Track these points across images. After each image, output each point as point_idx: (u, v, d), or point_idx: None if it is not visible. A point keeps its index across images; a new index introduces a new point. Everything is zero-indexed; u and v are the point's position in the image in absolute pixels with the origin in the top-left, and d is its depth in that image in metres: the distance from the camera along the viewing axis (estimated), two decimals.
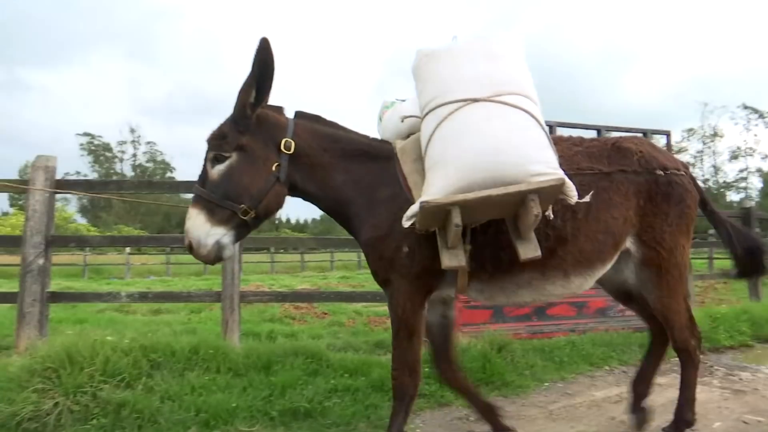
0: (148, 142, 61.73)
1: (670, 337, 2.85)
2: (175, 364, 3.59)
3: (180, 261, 23.74)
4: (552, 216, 2.42)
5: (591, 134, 5.66)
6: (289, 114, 2.71)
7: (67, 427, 2.99)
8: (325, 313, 8.79)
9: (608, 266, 2.74)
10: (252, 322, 7.21)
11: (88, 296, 5.58)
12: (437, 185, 2.23)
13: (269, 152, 2.54)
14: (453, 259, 2.32)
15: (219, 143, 2.51)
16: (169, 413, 3.11)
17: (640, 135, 4.79)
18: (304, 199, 2.71)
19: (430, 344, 2.90)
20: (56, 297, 4.91)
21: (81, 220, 46.06)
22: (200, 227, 2.44)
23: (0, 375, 3.39)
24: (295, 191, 2.65)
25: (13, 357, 4.27)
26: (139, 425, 3.02)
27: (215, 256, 2.48)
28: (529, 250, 2.30)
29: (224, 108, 2.68)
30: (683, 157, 23.75)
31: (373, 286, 3.50)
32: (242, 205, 2.44)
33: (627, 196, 2.69)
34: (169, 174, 59.94)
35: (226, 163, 2.50)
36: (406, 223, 2.26)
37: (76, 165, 54.94)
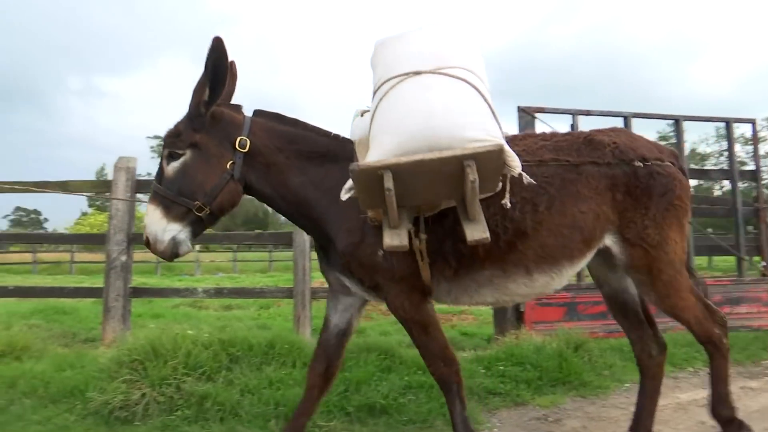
0: None
1: (691, 332, 2.71)
2: (253, 358, 3.67)
3: (246, 258, 24.45)
4: (509, 205, 2.31)
5: (662, 125, 5.39)
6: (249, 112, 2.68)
7: (154, 416, 3.11)
8: None
9: (579, 264, 2.60)
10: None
11: (166, 291, 5.80)
12: (372, 155, 2.17)
13: (224, 150, 2.52)
14: (395, 238, 2.22)
15: (174, 141, 2.51)
16: (249, 406, 3.19)
17: (670, 122, 4.41)
18: (259, 199, 2.68)
19: (322, 342, 2.88)
20: (137, 292, 5.13)
21: None
22: (157, 223, 2.45)
23: (91, 366, 3.58)
24: (250, 190, 2.61)
25: (100, 349, 4.51)
26: (221, 417, 3.10)
27: (171, 252, 2.47)
28: (477, 231, 2.19)
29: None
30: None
31: None
32: (196, 202, 2.44)
33: (599, 190, 2.53)
34: None
35: (181, 160, 2.50)
36: (344, 196, 2.22)
37: (147, 167, 57.51)
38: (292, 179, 2.57)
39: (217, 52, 2.42)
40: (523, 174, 2.23)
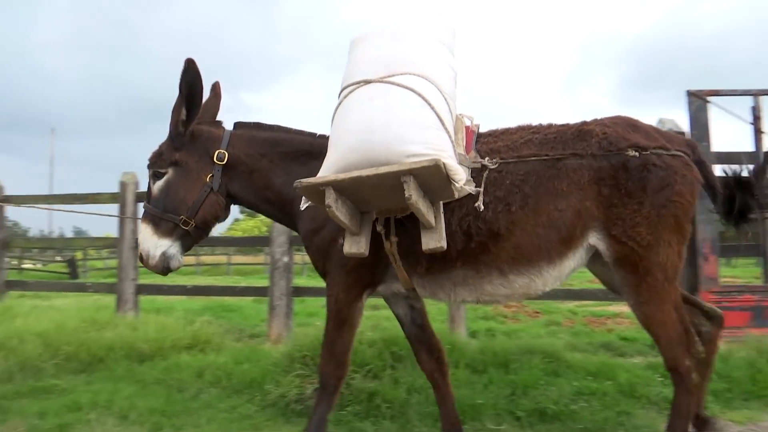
0: None
1: (660, 353, 2.39)
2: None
3: None
4: (482, 208, 2.28)
5: None
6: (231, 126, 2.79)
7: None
8: (537, 312, 8.47)
9: (563, 265, 2.40)
10: (467, 319, 7.21)
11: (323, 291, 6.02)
12: (323, 167, 2.22)
13: (203, 164, 2.63)
14: (353, 245, 2.28)
15: (156, 161, 2.65)
16: (417, 405, 3.19)
17: None
18: (246, 207, 2.76)
19: (407, 338, 2.87)
20: (299, 291, 5.38)
21: None
22: (148, 240, 2.58)
23: (265, 360, 3.80)
24: (234, 199, 2.72)
25: (266, 345, 4.79)
26: (390, 415, 3.13)
27: (163, 267, 2.58)
28: (432, 240, 2.20)
29: None
30: None
31: (597, 283, 3.23)
32: (181, 216, 2.57)
33: (581, 185, 2.33)
34: None
35: (164, 178, 2.63)
36: (303, 207, 2.34)
37: None
38: (275, 180, 2.66)
39: (191, 73, 2.52)
40: (466, 187, 2.18)
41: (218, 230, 3.09)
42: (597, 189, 2.33)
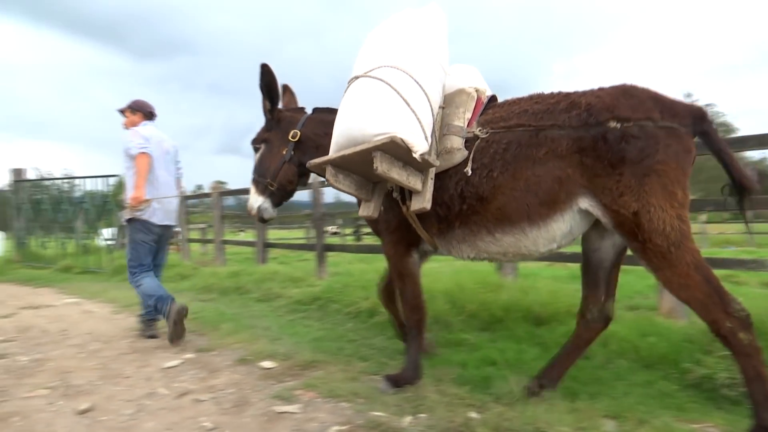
0: (707, 104, 57.50)
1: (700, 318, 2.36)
2: None
3: (763, 230, 21.05)
4: (470, 173, 2.69)
5: None
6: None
7: None
8: None
9: (547, 226, 2.58)
10: None
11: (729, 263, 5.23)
12: (330, 150, 2.81)
13: (283, 141, 3.43)
14: (365, 209, 2.99)
15: (255, 139, 3.56)
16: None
17: None
18: (317, 175, 3.28)
19: (383, 287, 3.72)
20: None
21: None
22: (252, 197, 3.50)
23: (674, 335, 3.44)
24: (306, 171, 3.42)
25: (658, 318, 4.36)
26: None
27: (259, 217, 3.49)
28: (417, 202, 2.74)
29: None
30: None
31: None
32: (267, 180, 3.42)
33: (559, 153, 2.49)
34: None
35: (259, 152, 3.53)
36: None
37: None
38: None
39: (266, 75, 3.37)
40: (427, 157, 2.57)
41: None
42: (579, 158, 2.45)
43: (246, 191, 3.55)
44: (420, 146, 2.55)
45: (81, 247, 11.53)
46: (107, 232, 12.80)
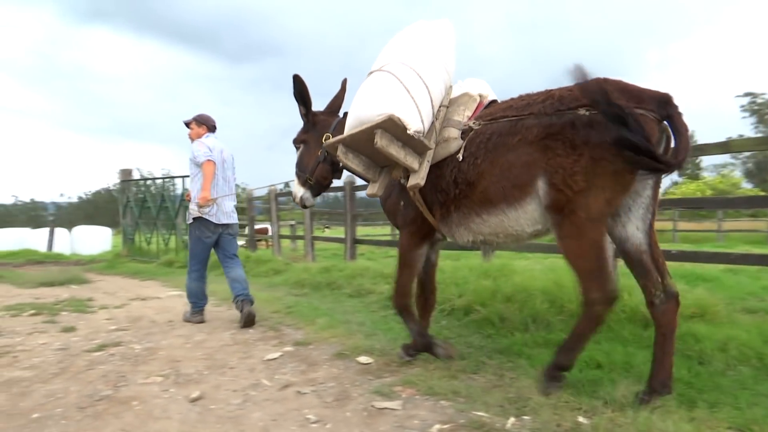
0: None
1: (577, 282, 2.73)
2: None
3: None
4: (461, 159, 3.02)
5: None
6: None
7: None
8: None
9: (522, 207, 2.82)
10: None
11: None
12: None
13: (318, 143, 3.79)
14: (371, 188, 3.35)
15: (295, 139, 4.00)
16: None
17: None
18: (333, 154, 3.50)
19: (417, 277, 3.65)
20: None
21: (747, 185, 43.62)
22: (295, 187, 3.98)
23: None
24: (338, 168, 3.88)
25: None
26: None
27: (302, 204, 4.02)
28: (414, 179, 3.11)
29: None
30: None
31: None
32: (306, 174, 3.88)
33: (530, 140, 2.74)
34: None
35: (299, 151, 3.97)
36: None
37: (737, 128, 52.65)
38: None
39: (297, 85, 3.74)
40: (419, 136, 2.98)
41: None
42: (545, 143, 2.67)
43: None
44: (414, 125, 2.96)
45: (182, 242, 12.19)
46: None
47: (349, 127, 3.17)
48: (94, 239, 21.32)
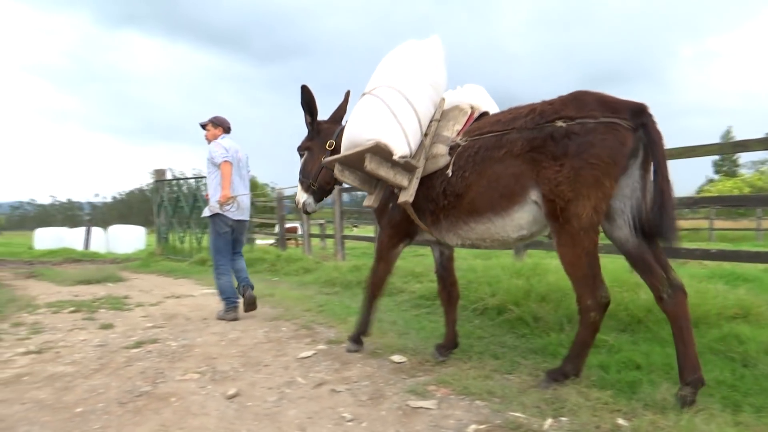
0: None
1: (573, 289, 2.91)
2: None
3: None
4: (450, 174, 3.22)
5: None
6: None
7: None
8: None
9: (509, 216, 3.00)
10: None
11: None
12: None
13: (321, 150, 4.07)
14: (368, 200, 3.73)
15: (300, 147, 4.25)
16: None
17: None
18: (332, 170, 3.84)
19: (435, 272, 3.95)
20: None
21: None
22: (299, 193, 4.22)
23: None
24: None
25: None
26: None
27: (304, 209, 4.22)
28: (403, 196, 3.35)
29: None
30: None
31: None
32: (309, 180, 4.12)
33: (515, 153, 2.91)
34: None
35: (303, 158, 4.23)
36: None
37: None
38: None
39: (305, 95, 4.01)
40: (407, 159, 3.26)
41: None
42: (531, 156, 2.86)
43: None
44: (400, 150, 3.23)
45: None
46: None
47: (344, 148, 3.49)
48: (129, 238, 21.80)
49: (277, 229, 13.56)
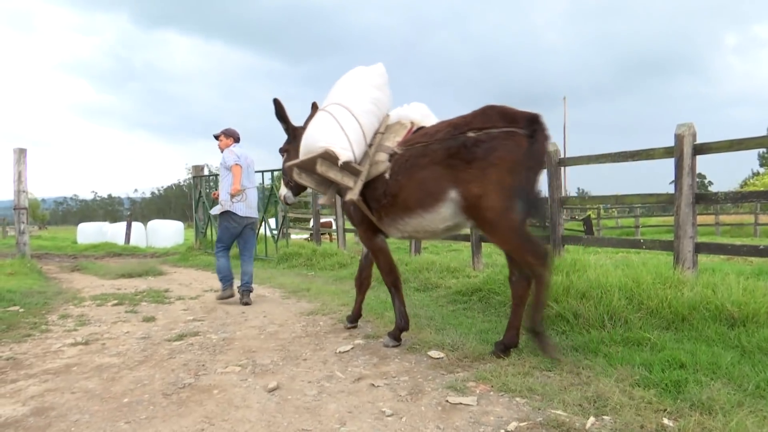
0: None
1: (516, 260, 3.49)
2: None
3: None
4: (388, 178, 3.78)
5: None
6: None
7: None
8: None
9: (436, 211, 3.55)
10: None
11: None
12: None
13: (297, 152, 4.29)
14: (323, 199, 4.46)
15: (281, 149, 5.04)
16: None
17: None
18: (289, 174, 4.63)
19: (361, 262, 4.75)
20: None
21: None
22: (281, 188, 5.06)
23: None
24: None
25: None
26: None
27: (285, 201, 5.10)
28: (349, 195, 3.91)
29: None
30: None
31: None
32: (287, 178, 4.81)
33: (437, 160, 3.48)
34: None
35: (284, 158, 4.98)
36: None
37: None
38: None
39: (277, 109, 4.80)
40: (346, 163, 3.84)
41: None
42: (448, 162, 3.42)
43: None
44: (344, 156, 3.80)
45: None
46: (273, 223, 13.77)
47: (301, 155, 4.08)
48: (168, 233, 22.29)
49: (311, 223, 13.66)
